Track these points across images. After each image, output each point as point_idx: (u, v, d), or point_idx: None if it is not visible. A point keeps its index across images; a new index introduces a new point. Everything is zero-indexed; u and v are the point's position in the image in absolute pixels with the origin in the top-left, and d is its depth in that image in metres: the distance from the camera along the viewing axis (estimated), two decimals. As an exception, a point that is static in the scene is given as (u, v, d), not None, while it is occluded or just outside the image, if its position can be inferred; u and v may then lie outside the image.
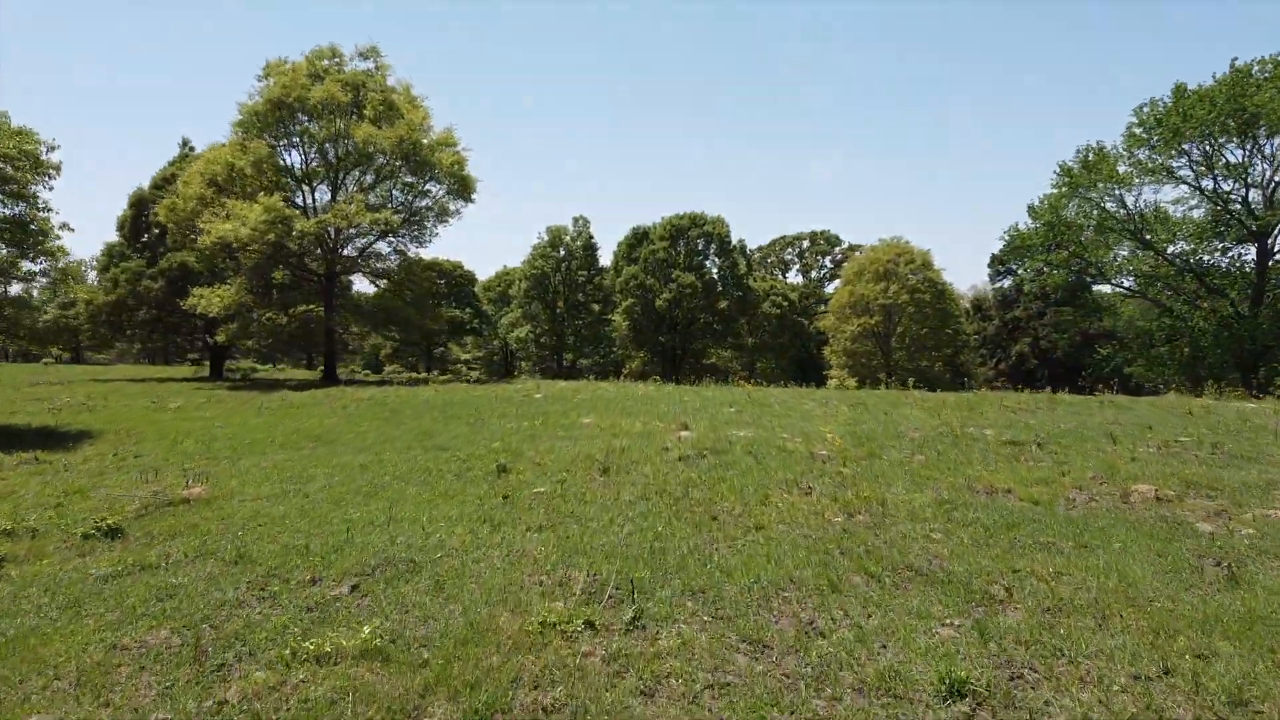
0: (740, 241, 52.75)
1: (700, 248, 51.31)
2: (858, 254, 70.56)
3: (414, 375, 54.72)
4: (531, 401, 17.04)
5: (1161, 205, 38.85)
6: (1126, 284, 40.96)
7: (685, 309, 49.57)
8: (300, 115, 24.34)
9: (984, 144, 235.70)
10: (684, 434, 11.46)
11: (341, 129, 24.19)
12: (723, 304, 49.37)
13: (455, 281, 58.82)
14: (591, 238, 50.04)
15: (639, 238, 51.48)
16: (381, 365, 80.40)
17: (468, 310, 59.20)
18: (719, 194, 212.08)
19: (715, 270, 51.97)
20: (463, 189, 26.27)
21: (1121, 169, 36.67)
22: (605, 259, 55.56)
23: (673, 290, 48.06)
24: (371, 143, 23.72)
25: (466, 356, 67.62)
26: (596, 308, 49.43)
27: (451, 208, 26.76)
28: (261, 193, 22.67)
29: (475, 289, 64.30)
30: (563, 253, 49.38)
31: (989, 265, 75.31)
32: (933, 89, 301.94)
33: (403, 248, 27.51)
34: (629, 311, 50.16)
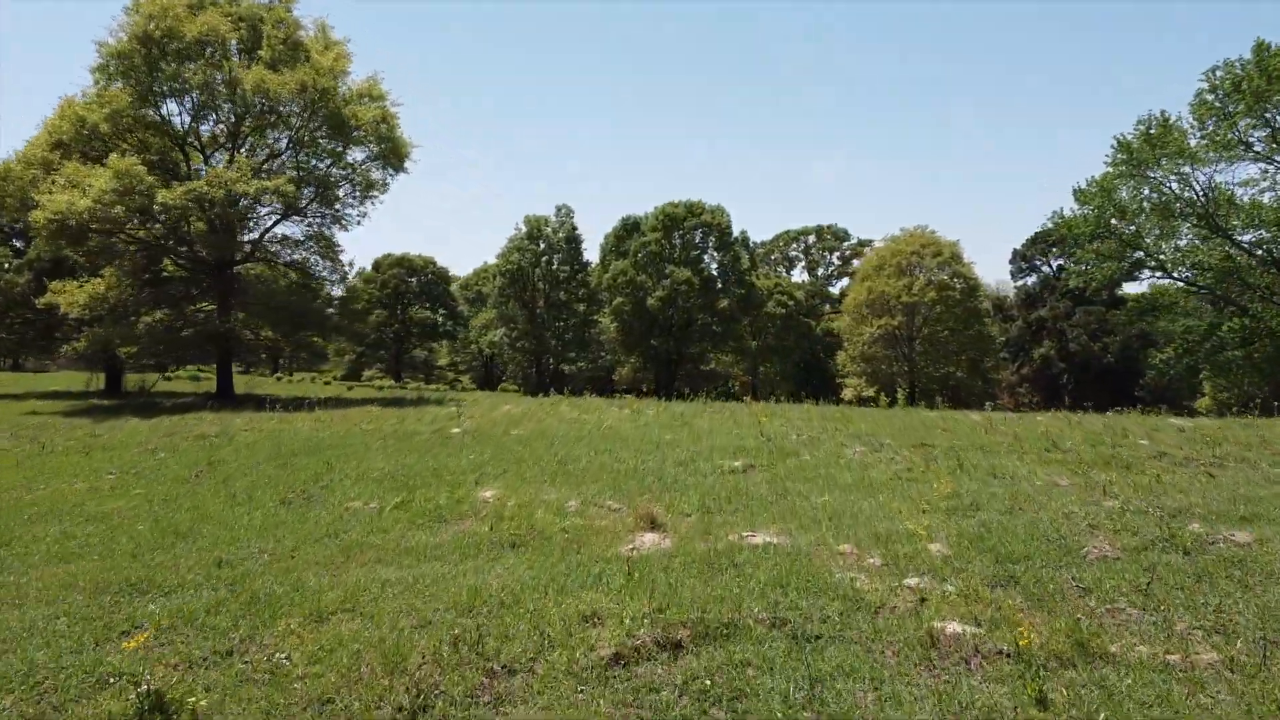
0: (742, 233, 47.22)
1: (698, 240, 45.75)
2: (872, 247, 65.08)
3: (384, 385, 49.16)
4: (440, 442, 11.49)
5: (1224, 187, 33.23)
6: (1188, 278, 35.33)
7: (681, 308, 44.02)
8: (184, 57, 18.82)
9: (986, 144, 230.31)
10: (647, 540, 5.93)
11: (229, 74, 18.62)
12: (723, 303, 43.81)
13: (427, 279, 53.32)
14: (575, 229, 44.45)
15: (629, 229, 45.94)
16: (360, 372, 74.97)
17: (440, 311, 53.61)
18: (721, 194, 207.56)
19: (714, 266, 46.41)
20: (392, 154, 20.69)
21: (1191, 142, 31.13)
22: (595, 255, 50.12)
23: (666, 288, 42.51)
24: (264, 91, 18.16)
25: (443, 362, 62.05)
26: (581, 307, 43.83)
27: (377, 178, 21.19)
28: (114, 155, 17.15)
29: (453, 288, 58.75)
30: (542, 246, 43.76)
31: (1011, 261, 70.09)
32: (935, 89, 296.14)
33: (322, 230, 21.94)
34: (618, 311, 44.61)
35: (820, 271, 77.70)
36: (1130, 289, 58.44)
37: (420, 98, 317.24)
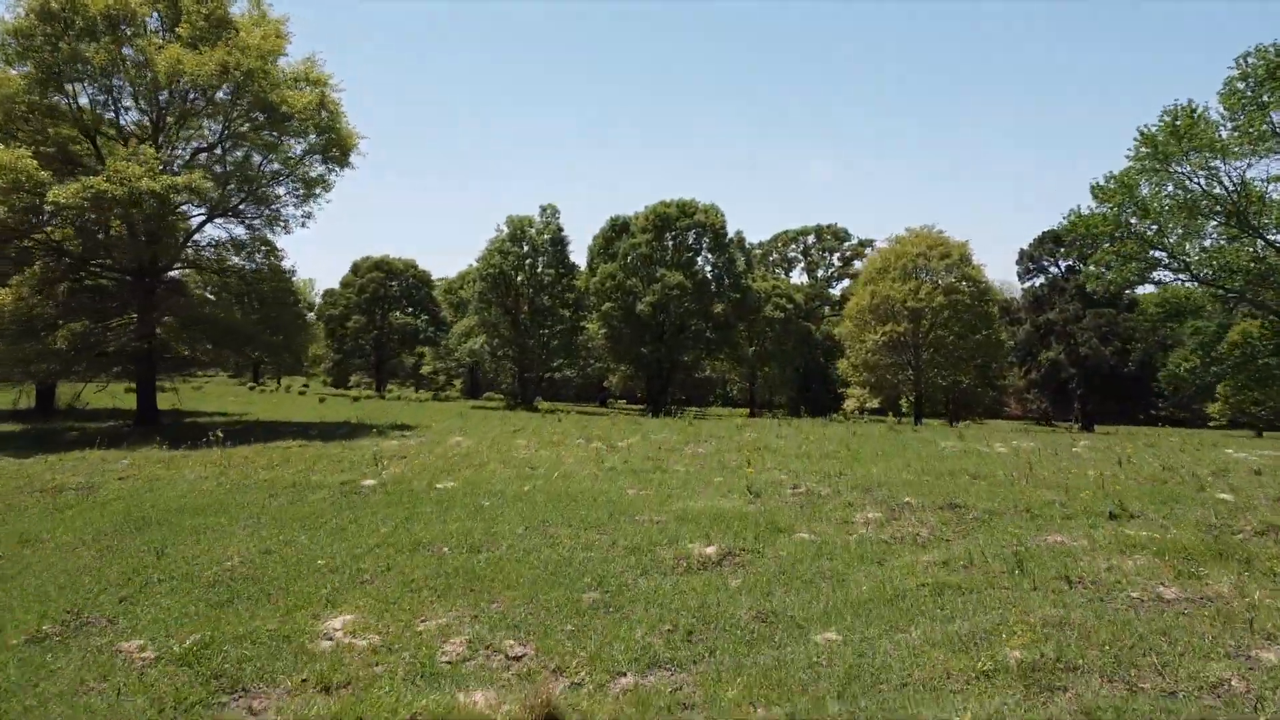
0: (738, 234, 44.89)
1: (691, 241, 43.40)
2: (874, 248, 62.66)
3: (361, 395, 46.58)
4: (339, 504, 9.10)
5: (1254, 183, 30.80)
6: (1214, 280, 32.87)
7: (673, 314, 41.65)
8: (91, 34, 16.40)
9: (984, 144, 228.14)
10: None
11: (142, 54, 16.21)
12: (718, 307, 41.47)
13: (408, 283, 50.89)
14: (561, 229, 42.05)
15: (618, 230, 43.59)
16: (347, 377, 72.42)
17: (422, 317, 51.19)
18: (716, 194, 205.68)
19: (709, 268, 44.06)
20: (335, 147, 18.28)
21: (1223, 134, 28.73)
22: (581, 257, 47.76)
23: (657, 292, 40.13)
24: (180, 73, 15.76)
25: (428, 369, 59.55)
26: (567, 313, 41.42)
27: (316, 173, 18.75)
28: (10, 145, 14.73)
29: (436, 292, 56.32)
30: (526, 248, 41.35)
31: (1018, 262, 67.85)
32: (933, 90, 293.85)
33: (263, 234, 19.53)
34: (606, 317, 42.24)
35: (820, 273, 75.35)
36: (1139, 290, 56.09)
37: (416, 96, 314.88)
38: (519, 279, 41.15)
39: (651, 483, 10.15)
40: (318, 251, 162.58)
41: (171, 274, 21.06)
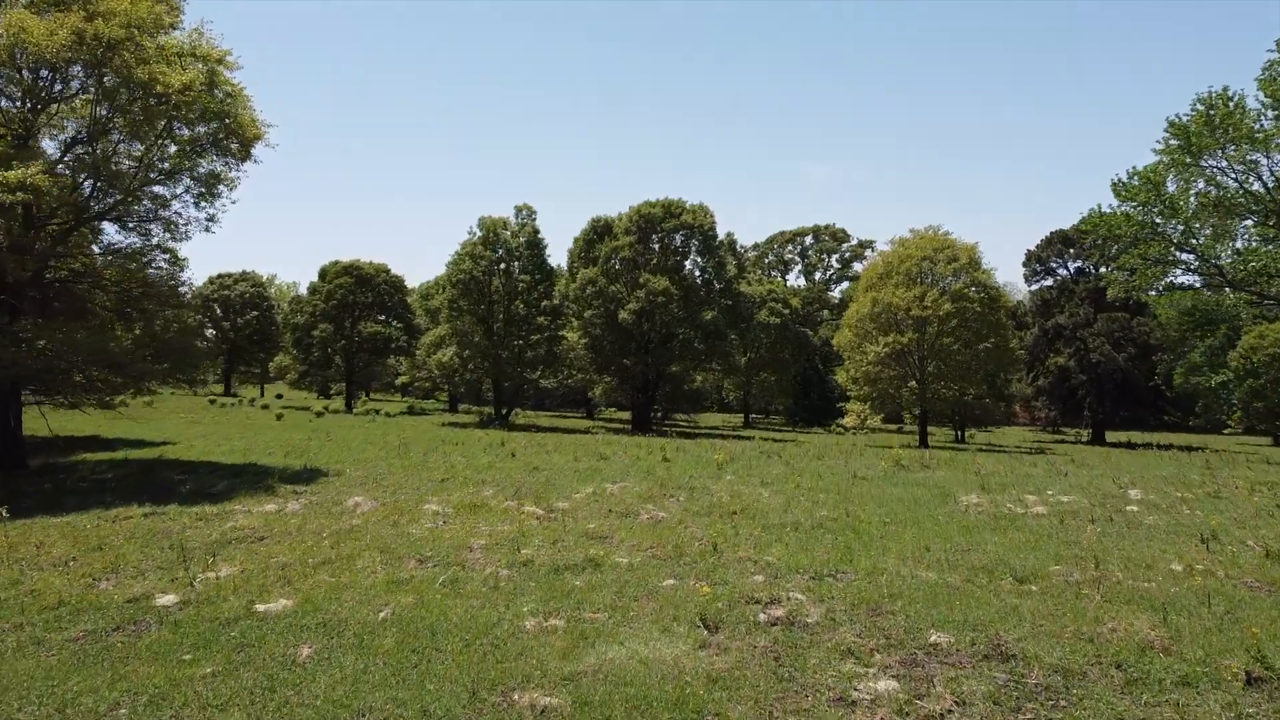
0: (729, 236, 41.93)
1: (678, 244, 40.47)
2: (875, 250, 59.72)
3: (325, 408, 43.30)
4: (89, 651, 6.15)
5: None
6: (1251, 286, 29.97)
7: (659, 322, 38.72)
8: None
9: (986, 146, 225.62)
10: None
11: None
12: (708, 314, 38.49)
13: (380, 289, 47.86)
14: (537, 232, 39.11)
15: (599, 232, 40.63)
16: (328, 388, 69.32)
17: (396, 325, 48.16)
18: (709, 196, 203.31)
19: (698, 272, 41.14)
20: (233, 138, 15.32)
21: (1266, 124, 25.84)
22: (561, 261, 44.81)
23: (641, 299, 37.17)
24: (24, 43, 12.83)
25: (404, 380, 56.47)
26: (545, 321, 38.47)
27: (207, 168, 15.73)
28: None
29: (412, 298, 53.27)
30: (500, 252, 38.39)
31: (1024, 264, 65.01)
32: (932, 89, 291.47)
33: (162, 240, 16.56)
34: (587, 326, 39.30)
35: (819, 275, 72.45)
36: (1153, 294, 53.31)
37: (402, 93, 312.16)
38: (493, 285, 38.20)
39: (570, 599, 7.19)
40: (313, 254, 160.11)
41: (77, 288, 18.10)
